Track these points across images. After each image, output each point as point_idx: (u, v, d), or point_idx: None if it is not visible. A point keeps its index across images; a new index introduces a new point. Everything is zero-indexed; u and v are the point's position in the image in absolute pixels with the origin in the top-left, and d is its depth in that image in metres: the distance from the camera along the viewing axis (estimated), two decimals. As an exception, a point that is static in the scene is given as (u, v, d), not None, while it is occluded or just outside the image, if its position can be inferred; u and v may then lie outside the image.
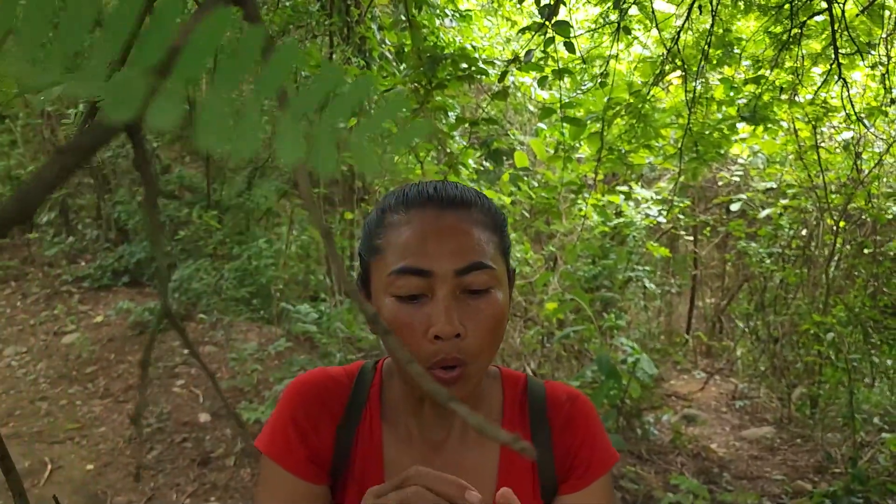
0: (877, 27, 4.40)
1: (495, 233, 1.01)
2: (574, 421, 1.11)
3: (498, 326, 0.97)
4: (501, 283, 0.98)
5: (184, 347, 5.42)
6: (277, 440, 1.03)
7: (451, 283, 0.93)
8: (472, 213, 0.98)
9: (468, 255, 0.94)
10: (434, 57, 3.26)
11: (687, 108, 4.54)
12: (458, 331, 0.91)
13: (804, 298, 5.84)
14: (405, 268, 0.93)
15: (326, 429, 1.06)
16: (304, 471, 1.02)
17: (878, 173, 5.54)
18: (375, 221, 1.01)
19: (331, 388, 1.09)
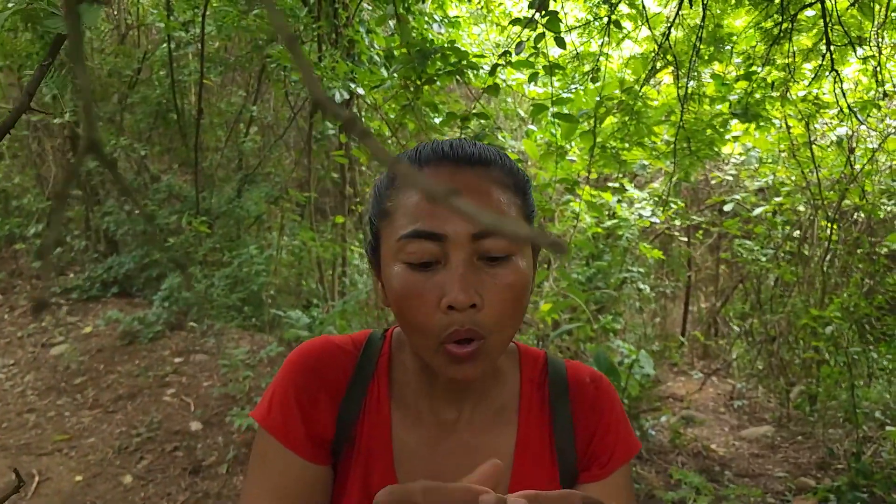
0: (867, 20, 4.38)
1: (517, 194, 0.92)
2: (598, 404, 1.04)
3: (520, 297, 0.88)
4: (524, 250, 0.89)
5: (174, 356, 5.34)
6: (275, 413, 0.95)
7: (466, 248, 0.84)
8: (491, 172, 0.90)
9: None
10: (424, 51, 3.21)
11: (679, 105, 4.52)
12: (473, 300, 0.83)
13: (800, 296, 5.80)
14: (416, 231, 0.85)
15: (328, 403, 0.98)
16: (303, 449, 0.94)
17: (872, 169, 5.52)
18: (386, 183, 0.94)
19: (335, 358, 1.00)
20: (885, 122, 5.39)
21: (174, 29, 5.79)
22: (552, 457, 1.01)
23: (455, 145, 0.91)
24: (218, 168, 7.00)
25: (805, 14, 4.40)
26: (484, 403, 1.01)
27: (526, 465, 0.99)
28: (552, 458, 1.01)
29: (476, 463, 0.97)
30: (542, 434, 1.02)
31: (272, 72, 6.72)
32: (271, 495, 0.93)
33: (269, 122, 7.20)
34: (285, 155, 7.89)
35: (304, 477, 0.94)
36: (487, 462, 0.67)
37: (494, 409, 1.01)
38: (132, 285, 6.75)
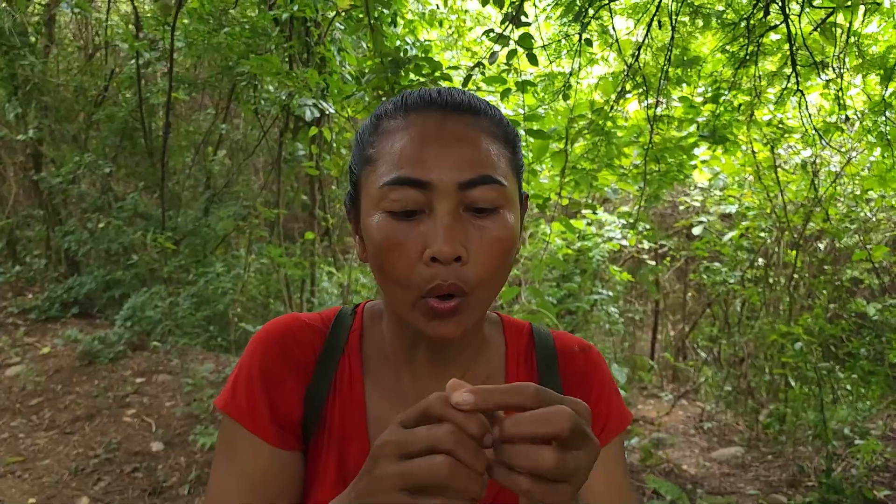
0: (829, 44, 4.48)
1: (507, 146, 0.87)
2: (589, 374, 1.00)
3: (506, 253, 0.83)
4: (512, 204, 0.85)
5: (136, 377, 5.19)
6: (239, 398, 0.89)
7: (453, 197, 0.79)
8: (480, 121, 0.85)
9: (475, 166, 0.81)
10: (397, 60, 3.20)
11: (648, 125, 4.57)
12: (458, 253, 0.78)
13: (767, 317, 5.85)
14: (400, 178, 0.80)
15: (296, 383, 0.92)
16: (270, 434, 0.88)
17: (836, 193, 5.63)
18: (369, 129, 0.88)
19: (302, 335, 0.95)
20: (846, 146, 5.51)
21: (141, 48, 5.74)
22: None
23: (444, 92, 0.86)
24: (185, 188, 6.91)
25: (770, 38, 4.50)
26: (469, 375, 0.95)
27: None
28: None
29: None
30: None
31: (242, 91, 6.69)
32: (239, 484, 0.87)
33: (239, 142, 7.14)
34: (253, 179, 7.84)
35: (273, 464, 0.88)
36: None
37: (480, 382, 0.95)
38: (93, 306, 6.58)
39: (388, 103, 0.89)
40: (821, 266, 6.25)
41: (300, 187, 7.24)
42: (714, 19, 4.21)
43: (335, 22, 5.26)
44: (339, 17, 5.26)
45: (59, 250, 7.14)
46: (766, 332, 5.54)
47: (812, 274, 6.19)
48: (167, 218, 5.80)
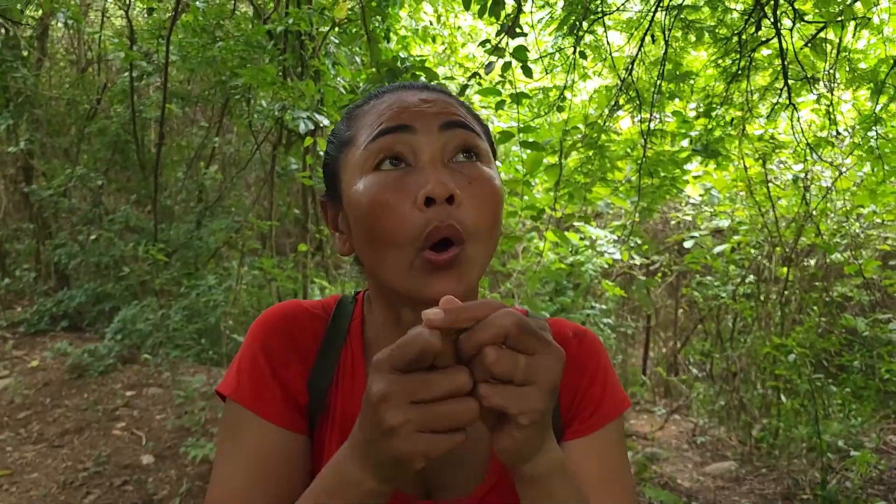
0: (820, 60, 4.53)
1: (477, 121, 0.90)
2: (582, 358, 0.97)
3: (495, 200, 0.82)
4: (492, 163, 0.86)
5: (126, 390, 5.14)
6: (245, 381, 0.87)
7: (436, 141, 0.80)
8: (454, 98, 0.89)
9: (450, 115, 0.82)
10: (393, 70, 3.21)
11: (642, 139, 4.59)
12: (452, 191, 0.76)
13: (759, 333, 5.86)
14: (382, 129, 0.80)
15: (300, 368, 0.90)
16: (279, 415, 0.86)
17: (827, 208, 5.66)
18: (343, 121, 0.90)
19: (304, 322, 0.93)
20: (837, 161, 5.55)
21: (135, 59, 5.74)
22: None
23: (417, 81, 0.92)
24: (177, 202, 6.88)
25: (761, 53, 4.54)
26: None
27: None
28: None
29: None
30: None
31: (235, 105, 6.69)
32: (247, 468, 0.84)
33: (232, 155, 7.13)
34: (245, 194, 7.82)
35: (282, 446, 0.86)
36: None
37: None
38: (83, 319, 6.52)
39: (360, 100, 0.90)
40: (811, 281, 6.27)
41: (292, 202, 7.23)
42: (707, 34, 4.25)
43: (329, 36, 5.28)
44: (333, 32, 5.28)
45: (48, 263, 7.09)
46: (759, 346, 5.55)
47: (803, 289, 6.21)
48: (159, 231, 5.77)
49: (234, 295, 4.96)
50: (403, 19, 6.85)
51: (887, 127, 4.42)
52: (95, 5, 7.62)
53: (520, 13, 3.23)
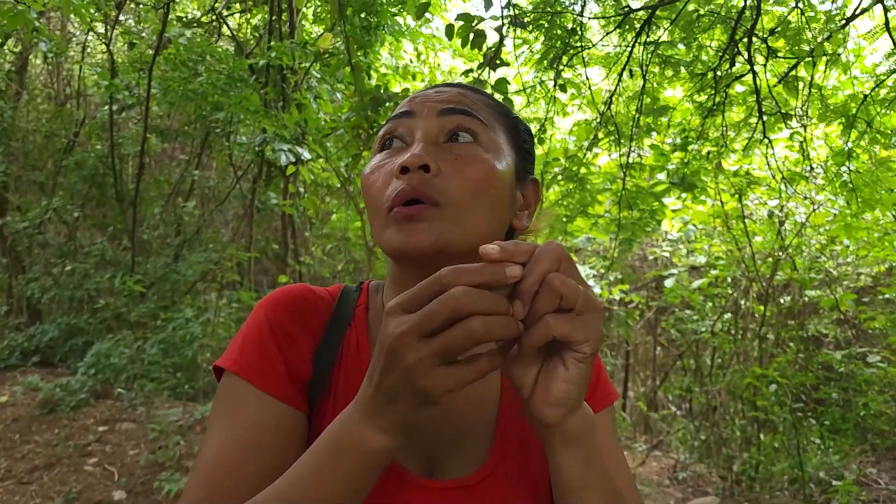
0: (792, 97, 4.64)
1: (500, 115, 0.92)
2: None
3: (483, 181, 0.83)
4: (496, 150, 0.87)
5: (98, 425, 5.02)
6: (249, 355, 0.85)
7: (432, 124, 0.85)
8: (480, 95, 0.92)
9: (455, 102, 0.87)
10: (376, 98, 3.23)
11: (621, 172, 4.66)
12: (425, 161, 0.79)
13: (738, 366, 5.89)
14: (390, 116, 0.88)
15: (306, 347, 0.89)
16: (282, 389, 0.83)
17: (801, 242, 5.75)
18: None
19: (311, 302, 0.93)
20: (811, 197, 5.66)
21: (117, 88, 5.73)
22: None
23: (449, 82, 0.96)
24: (155, 236, 6.82)
25: (735, 90, 4.65)
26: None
27: (510, 415, 0.94)
28: None
29: (463, 407, 0.91)
30: None
31: (215, 140, 6.69)
32: (242, 436, 0.80)
33: (212, 188, 7.10)
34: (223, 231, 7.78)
35: (280, 420, 0.82)
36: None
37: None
38: (55, 355, 6.38)
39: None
40: (787, 318, 6.34)
41: (271, 237, 7.20)
42: (683, 69, 4.34)
43: (311, 70, 5.32)
44: (315, 66, 5.33)
45: (20, 298, 6.96)
46: (738, 380, 5.57)
47: (780, 324, 6.27)
48: (136, 264, 5.70)
49: (212, 327, 4.89)
50: (383, 57, 6.94)
51: (857, 162, 4.51)
52: (76, 39, 7.63)
53: (501, 45, 3.28)
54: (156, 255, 6.33)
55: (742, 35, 3.84)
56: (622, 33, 4.21)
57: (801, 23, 4.00)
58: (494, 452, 0.90)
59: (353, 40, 3.40)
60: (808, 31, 4.12)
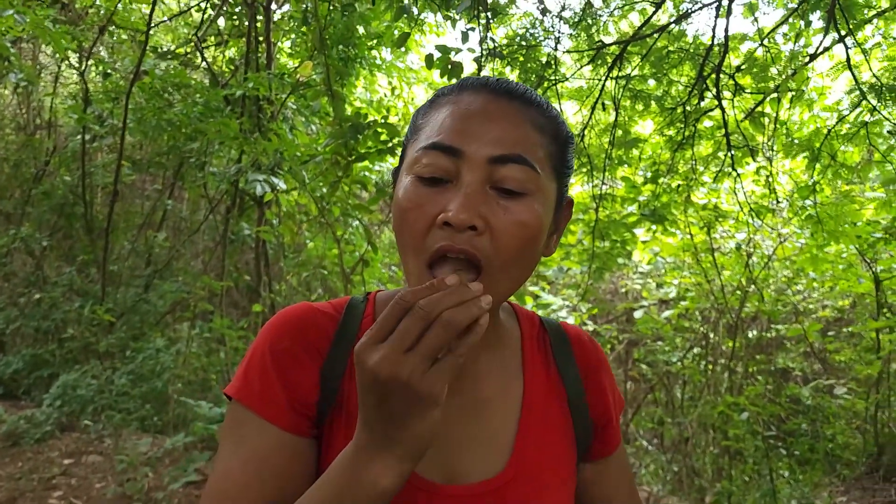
0: (758, 132, 4.77)
1: (554, 143, 0.87)
2: (603, 362, 1.06)
3: (529, 240, 0.81)
4: (543, 196, 0.83)
5: (64, 458, 4.89)
6: (251, 383, 0.87)
7: (481, 170, 0.79)
8: (530, 111, 0.86)
9: (510, 145, 0.81)
10: (356, 125, 3.27)
11: (593, 203, 4.73)
12: (473, 222, 0.76)
13: (709, 397, 5.94)
14: (434, 143, 0.81)
15: (311, 367, 0.90)
16: (283, 418, 0.85)
17: (768, 274, 5.87)
18: (425, 106, 0.92)
19: (316, 321, 0.93)
20: (777, 230, 5.79)
21: (87, 121, 5.71)
22: (562, 411, 0.99)
23: (501, 80, 0.89)
24: (125, 268, 6.74)
25: (704, 125, 4.78)
26: (486, 356, 0.96)
27: (533, 421, 0.95)
28: (562, 412, 0.99)
29: (485, 421, 0.92)
30: (548, 389, 0.99)
31: (188, 171, 6.67)
32: (246, 469, 0.82)
33: (185, 219, 7.05)
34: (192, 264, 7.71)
35: (284, 449, 0.85)
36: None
37: (497, 364, 0.97)
38: (19, 387, 6.22)
39: (449, 85, 0.92)
40: (755, 352, 6.43)
41: (243, 269, 7.14)
42: (654, 103, 4.45)
43: (287, 101, 5.35)
44: (292, 97, 5.36)
45: (-17, 330, 6.80)
46: (709, 411, 5.62)
47: (749, 356, 6.35)
48: (106, 294, 5.62)
49: (183, 358, 4.82)
50: (357, 91, 7.01)
51: (821, 195, 4.64)
52: (47, 70, 7.60)
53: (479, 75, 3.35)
54: (125, 286, 6.24)
55: (710, 71, 3.96)
56: (595, 67, 4.32)
57: (767, 59, 4.15)
58: (515, 458, 0.91)
59: (332, 68, 3.45)
60: (774, 69, 4.27)
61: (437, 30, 5.72)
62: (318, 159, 3.55)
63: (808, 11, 3.94)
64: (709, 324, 6.42)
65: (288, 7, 6.28)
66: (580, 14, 4.07)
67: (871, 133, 3.93)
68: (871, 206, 5.24)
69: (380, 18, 4.99)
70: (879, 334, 5.31)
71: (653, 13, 4.14)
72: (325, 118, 5.05)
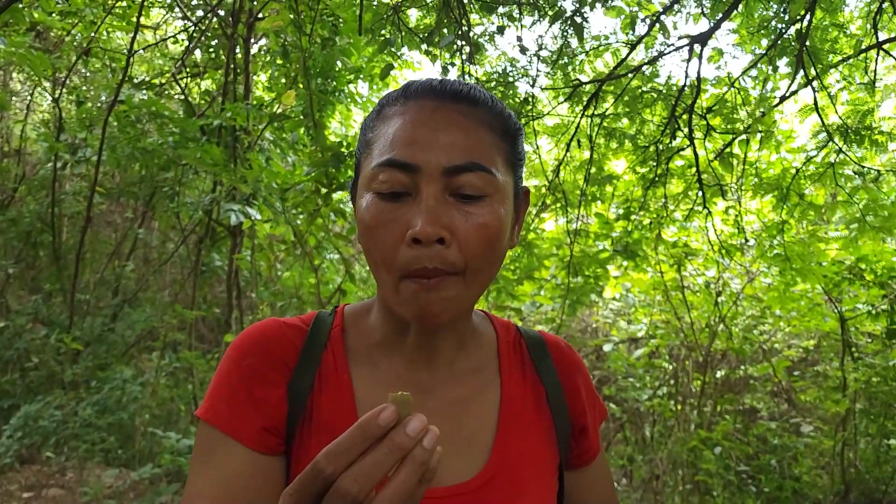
0: (727, 172, 4.89)
1: (504, 139, 0.89)
2: (580, 366, 1.08)
3: (492, 239, 0.83)
4: (502, 195, 0.85)
5: (23, 491, 4.73)
6: (218, 402, 0.88)
7: (439, 181, 0.81)
8: (477, 111, 0.87)
9: (463, 153, 0.82)
10: (338, 154, 3.28)
11: (568, 238, 4.79)
12: (440, 234, 0.78)
13: (680, 434, 5.97)
14: (388, 160, 0.82)
15: (278, 383, 0.90)
16: (249, 437, 0.86)
17: (737, 312, 5.96)
18: (373, 115, 0.92)
19: (282, 334, 0.94)
20: (744, 268, 5.91)
21: (58, 150, 5.66)
22: (541, 413, 1.00)
23: (445, 82, 0.89)
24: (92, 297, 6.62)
25: (675, 163, 4.89)
26: (460, 360, 0.97)
27: (511, 424, 0.96)
28: (541, 414, 0.99)
29: (462, 423, 0.93)
30: (526, 391, 1.00)
31: (159, 202, 6.61)
32: (214, 488, 0.83)
33: (155, 248, 6.97)
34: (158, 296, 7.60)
35: (251, 468, 0.85)
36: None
37: (472, 368, 0.98)
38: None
39: (393, 92, 0.92)
40: (723, 389, 6.50)
41: (212, 301, 7.06)
42: (627, 141, 4.56)
43: (265, 132, 5.37)
44: (270, 128, 5.38)
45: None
46: (680, 447, 5.65)
47: (718, 394, 6.41)
48: (73, 323, 5.51)
49: (152, 387, 4.72)
50: (332, 126, 7.05)
51: (788, 235, 4.75)
52: (21, 95, 7.53)
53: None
54: (92, 316, 6.12)
55: (682, 111, 4.08)
56: (571, 105, 4.42)
57: (737, 101, 4.28)
58: (493, 459, 0.92)
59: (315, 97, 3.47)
60: (743, 111, 4.41)
61: (415, 66, 5.80)
62: (299, 187, 3.55)
63: (775, 57, 4.09)
64: (678, 361, 6.48)
65: (266, 41, 6.33)
66: (557, 53, 4.18)
67: (837, 173, 4.06)
68: (836, 246, 5.37)
69: (360, 53, 5.05)
70: (845, 373, 5.41)
71: (627, 54, 4.27)
72: (302, 150, 5.06)
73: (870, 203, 4.26)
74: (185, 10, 6.04)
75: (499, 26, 3.72)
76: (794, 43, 3.73)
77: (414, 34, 3.31)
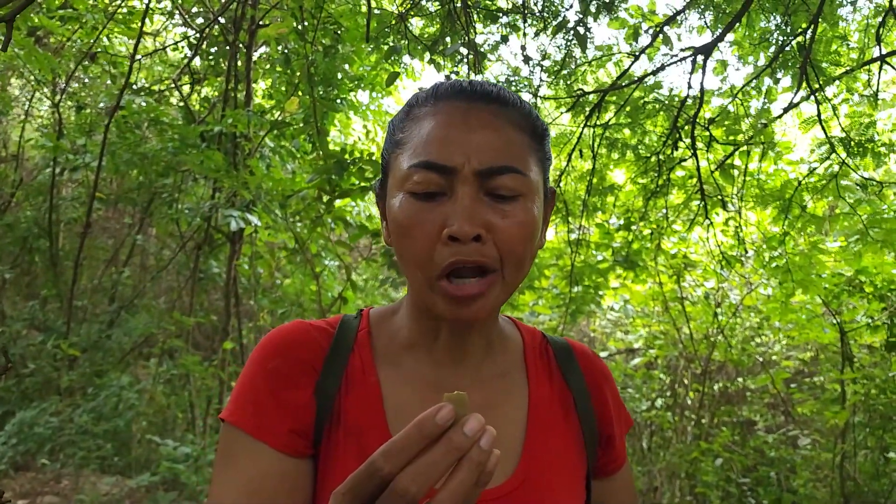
0: (728, 184, 4.90)
1: (534, 139, 0.90)
2: (608, 375, 1.07)
3: (527, 238, 0.84)
4: (534, 194, 0.86)
5: (18, 499, 4.68)
6: (243, 405, 0.87)
7: (474, 182, 0.82)
8: (507, 112, 0.88)
9: (497, 155, 0.83)
10: (341, 162, 3.28)
11: (568, 248, 4.79)
12: (477, 231, 0.79)
13: (679, 445, 5.96)
14: (423, 162, 0.82)
15: (305, 385, 0.89)
16: (276, 438, 0.85)
17: (736, 323, 5.96)
18: (401, 116, 0.92)
19: (308, 336, 0.94)
20: (743, 279, 5.91)
21: (62, 150, 5.64)
22: (569, 420, 0.99)
23: (474, 83, 0.90)
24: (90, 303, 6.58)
25: (676, 174, 4.90)
26: (487, 364, 0.96)
27: (539, 429, 0.95)
28: (569, 421, 0.99)
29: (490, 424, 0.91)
30: (554, 397, 0.99)
31: (157, 208, 6.59)
32: (240, 491, 0.82)
33: (152, 255, 6.94)
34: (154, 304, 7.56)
35: (278, 469, 0.84)
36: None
37: (498, 372, 0.97)
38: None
39: (422, 92, 0.93)
40: (721, 401, 6.49)
41: (209, 308, 7.02)
42: (630, 151, 4.56)
43: (265, 139, 5.35)
44: (270, 136, 5.36)
45: (-65, 365, 6.54)
46: (678, 459, 5.63)
47: (716, 405, 6.41)
48: (70, 329, 5.47)
49: (150, 395, 4.69)
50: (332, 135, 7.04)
51: (788, 247, 4.75)
52: (19, 100, 7.52)
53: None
54: (89, 322, 6.09)
55: (684, 122, 4.08)
56: (574, 115, 4.43)
57: (739, 112, 4.29)
58: (523, 464, 0.91)
59: (319, 105, 3.47)
60: (744, 123, 4.42)
61: (415, 75, 5.81)
62: (302, 193, 3.54)
63: (776, 69, 4.10)
64: (676, 373, 6.47)
65: (266, 49, 6.33)
66: (560, 63, 4.18)
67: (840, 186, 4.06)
68: (834, 258, 5.37)
69: (362, 61, 5.05)
70: (844, 385, 5.40)
71: (630, 64, 4.28)
72: (303, 157, 5.05)
73: (872, 216, 4.27)
74: (186, 17, 6.03)
75: (502, 35, 3.73)
76: (797, 55, 3.74)
77: (419, 41, 3.30)
